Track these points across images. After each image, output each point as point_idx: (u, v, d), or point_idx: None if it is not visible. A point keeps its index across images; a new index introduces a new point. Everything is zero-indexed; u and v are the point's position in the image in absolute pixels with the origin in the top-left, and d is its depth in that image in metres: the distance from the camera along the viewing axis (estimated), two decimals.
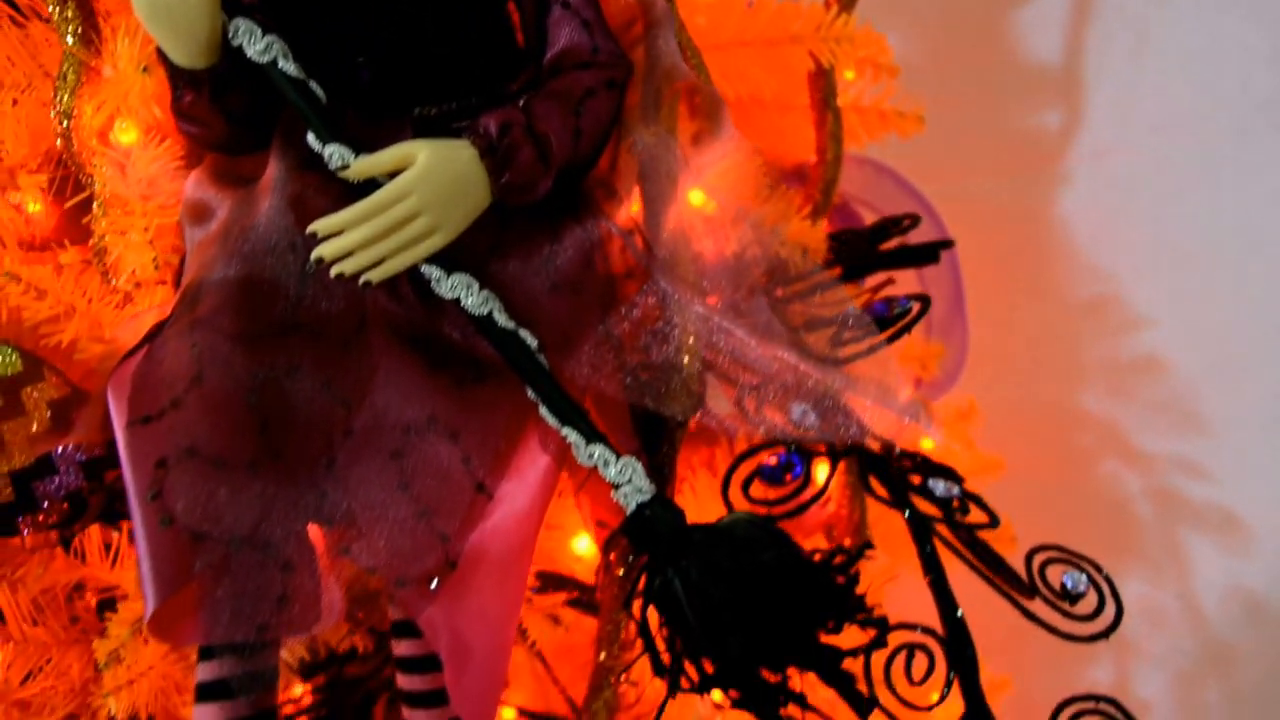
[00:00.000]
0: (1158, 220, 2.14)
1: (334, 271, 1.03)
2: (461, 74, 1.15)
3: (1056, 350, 2.24)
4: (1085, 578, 1.21)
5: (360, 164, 1.04)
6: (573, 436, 1.06)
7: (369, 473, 1.03)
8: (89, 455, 1.20)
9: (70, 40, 1.20)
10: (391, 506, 1.02)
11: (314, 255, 1.03)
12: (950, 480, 1.25)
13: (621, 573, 1.17)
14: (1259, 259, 2.09)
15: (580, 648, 1.44)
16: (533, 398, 1.07)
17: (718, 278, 1.18)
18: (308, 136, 1.06)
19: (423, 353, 1.08)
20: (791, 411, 1.15)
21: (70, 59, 1.20)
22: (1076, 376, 2.23)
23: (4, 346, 1.21)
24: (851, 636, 1.07)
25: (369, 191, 1.04)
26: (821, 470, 1.27)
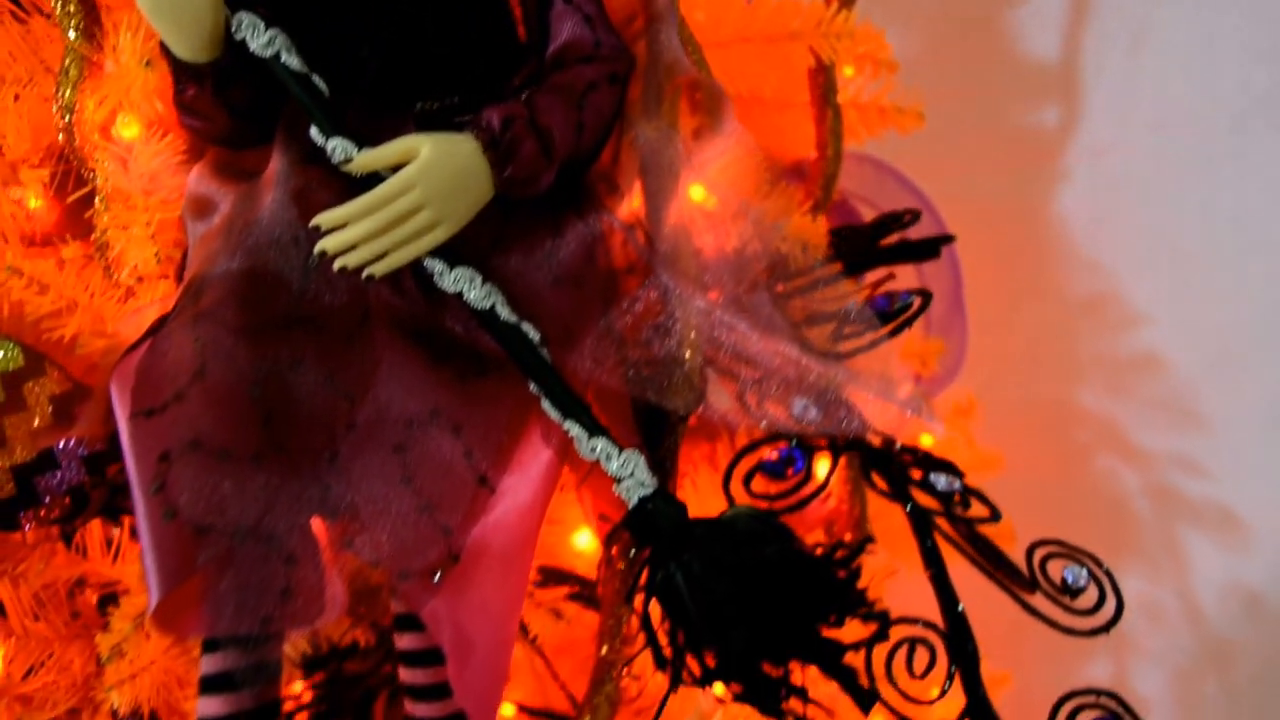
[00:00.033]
0: (1156, 218, 2.14)
1: (337, 265, 1.03)
2: (463, 69, 1.15)
3: (1054, 347, 2.24)
4: (1086, 572, 1.21)
5: (363, 158, 1.04)
6: (575, 430, 1.06)
7: (372, 466, 1.03)
8: (91, 450, 1.20)
9: (73, 35, 1.19)
10: (394, 500, 1.02)
11: (317, 249, 1.03)
12: (951, 475, 1.26)
13: (623, 567, 1.17)
14: (1257, 256, 2.09)
15: (580, 643, 1.44)
16: (535, 391, 1.08)
17: (719, 272, 1.18)
18: (311, 130, 1.06)
19: (425, 346, 1.08)
20: (793, 406, 1.15)
21: (72, 54, 1.20)
22: (1075, 374, 2.23)
23: (6, 341, 1.21)
24: (853, 631, 1.07)
25: (372, 185, 1.04)
26: (822, 466, 1.27)
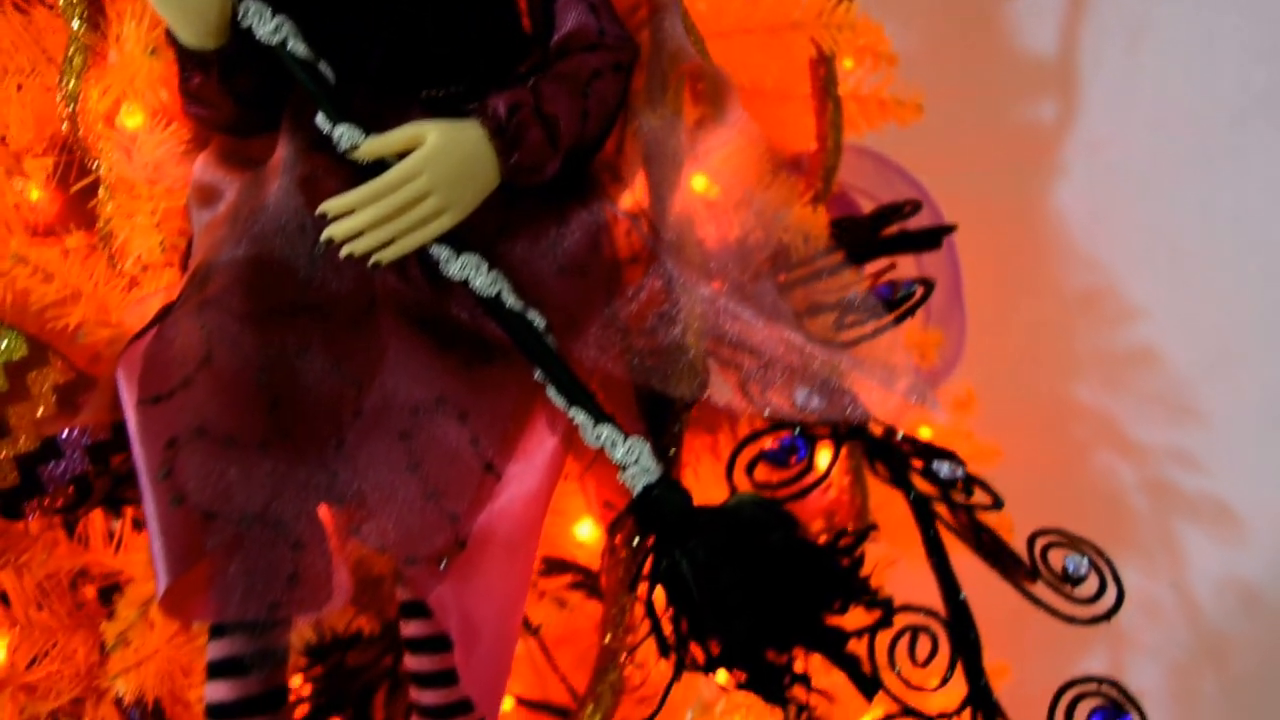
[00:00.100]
0: (1153, 213, 2.14)
1: (344, 252, 1.03)
2: (468, 57, 1.15)
3: (1051, 342, 2.24)
4: (1086, 561, 1.21)
5: (370, 144, 1.04)
6: (580, 417, 1.06)
7: (378, 453, 1.04)
8: (94, 439, 1.20)
9: (77, 24, 1.20)
10: (401, 487, 1.02)
11: (324, 236, 1.03)
12: (954, 463, 1.26)
13: (627, 555, 1.17)
14: (1254, 252, 2.09)
15: (580, 633, 1.44)
16: (540, 379, 1.08)
17: (723, 261, 1.18)
18: (317, 117, 1.06)
19: (431, 333, 1.08)
20: (796, 395, 1.15)
21: (77, 43, 1.20)
22: (1071, 368, 2.23)
23: (9, 331, 1.20)
24: (855, 620, 1.07)
25: (378, 172, 1.04)
26: (824, 456, 1.27)
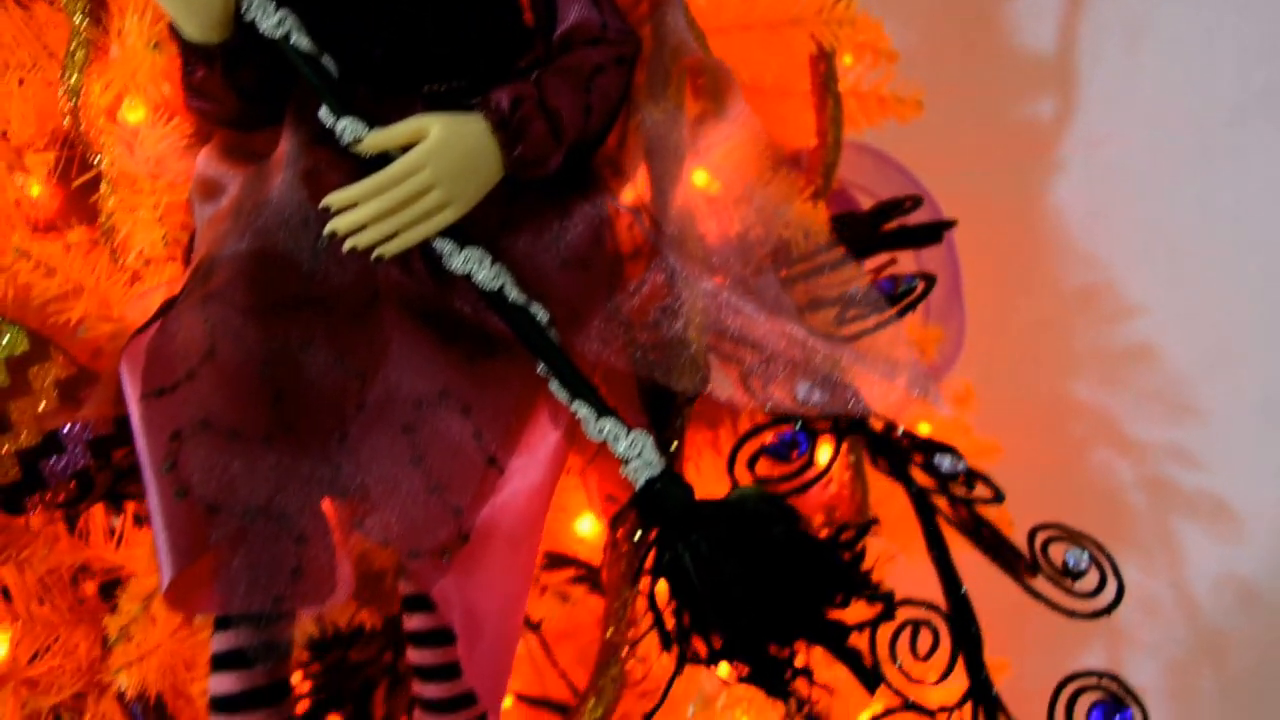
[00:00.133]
0: (1152, 210, 2.14)
1: (347, 246, 1.03)
2: (470, 52, 1.15)
3: (1050, 339, 2.24)
4: (1087, 556, 1.22)
5: (373, 138, 1.04)
6: (583, 411, 1.06)
7: (381, 446, 1.03)
8: (96, 434, 1.20)
9: (79, 18, 1.20)
10: (404, 480, 1.02)
11: (327, 229, 1.03)
12: (955, 457, 1.26)
13: (629, 549, 1.17)
14: (1252, 250, 2.09)
15: (581, 628, 1.44)
16: (543, 373, 1.08)
17: (725, 256, 1.18)
18: (320, 111, 1.06)
19: (434, 327, 1.08)
20: (798, 389, 1.15)
21: (79, 37, 1.20)
22: (1070, 365, 2.23)
23: (10, 326, 1.20)
24: (856, 614, 1.08)
25: (381, 166, 1.04)
26: (824, 451, 1.27)
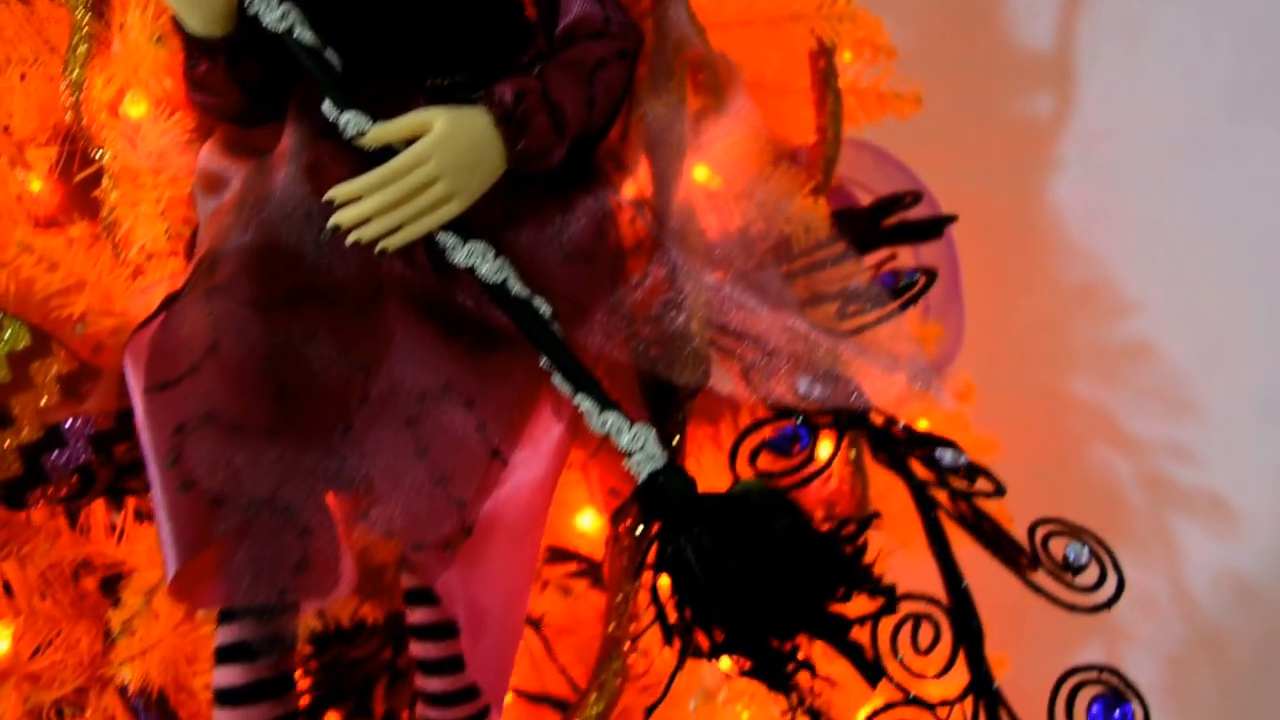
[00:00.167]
0: (1150, 207, 2.14)
1: (351, 238, 1.03)
2: (472, 46, 1.15)
3: (1047, 336, 2.24)
4: (1087, 550, 1.22)
5: (377, 131, 1.04)
6: (586, 404, 1.06)
7: (385, 439, 1.03)
8: (98, 429, 1.20)
9: (81, 13, 1.20)
10: (408, 473, 1.02)
11: (331, 222, 1.03)
12: (956, 451, 1.26)
13: (631, 543, 1.17)
14: (1250, 246, 2.09)
15: (582, 624, 1.44)
16: (546, 366, 1.08)
17: (727, 250, 1.18)
18: (323, 105, 1.06)
19: (437, 320, 1.08)
20: (799, 384, 1.15)
21: (81, 31, 1.20)
22: (1067, 362, 2.23)
23: (12, 321, 1.20)
24: (858, 609, 1.08)
25: (385, 159, 1.04)
26: (825, 447, 1.27)
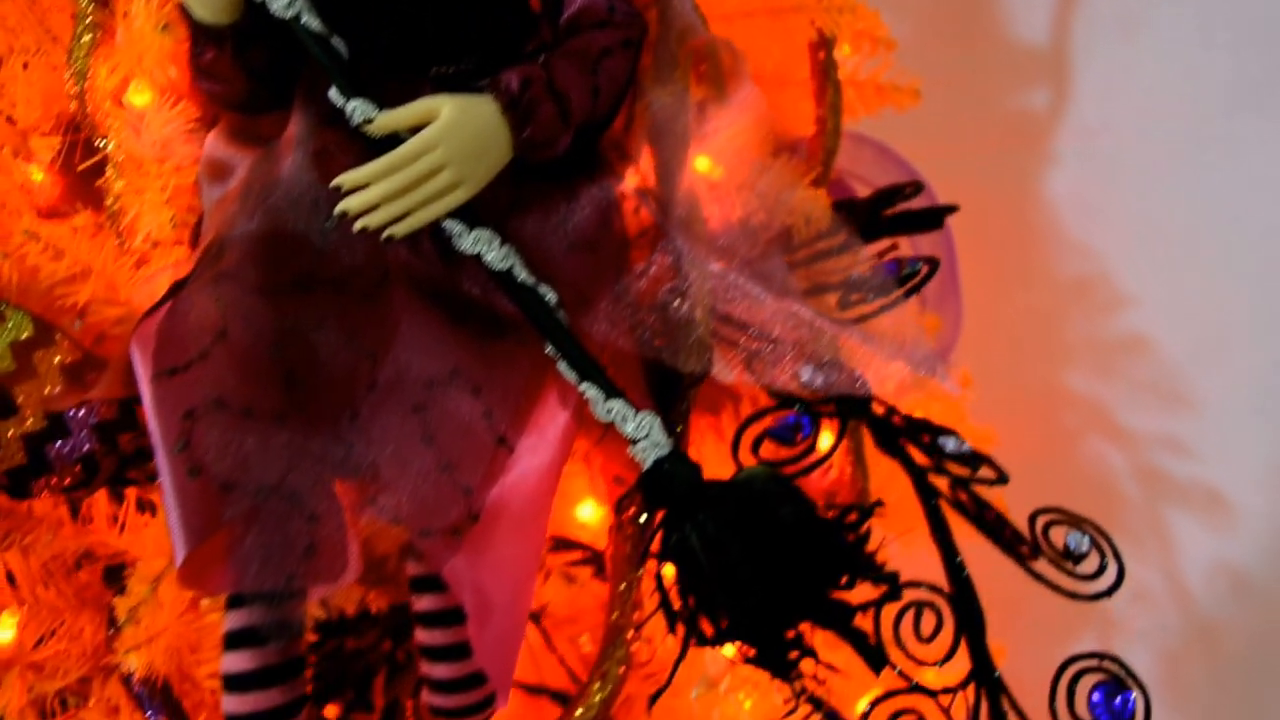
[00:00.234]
0: (1145, 201, 2.14)
1: (358, 226, 1.03)
2: (478, 35, 1.15)
3: (1043, 329, 2.24)
4: (1088, 539, 1.22)
5: (384, 118, 1.04)
6: (591, 392, 1.06)
7: (392, 426, 1.04)
8: (101, 418, 1.20)
9: (85, 1, 1.20)
10: (415, 459, 1.02)
11: (338, 209, 1.03)
12: (958, 440, 1.26)
13: (634, 531, 1.18)
14: (1246, 240, 2.09)
15: (583, 614, 1.45)
16: (551, 354, 1.08)
17: (731, 239, 1.19)
18: (330, 92, 1.06)
19: (444, 308, 1.08)
20: (802, 372, 1.16)
21: (85, 20, 1.20)
22: (1063, 355, 2.23)
23: (15, 311, 1.20)
24: (860, 597, 1.08)
25: (391, 147, 1.04)
26: (826, 438, 1.27)
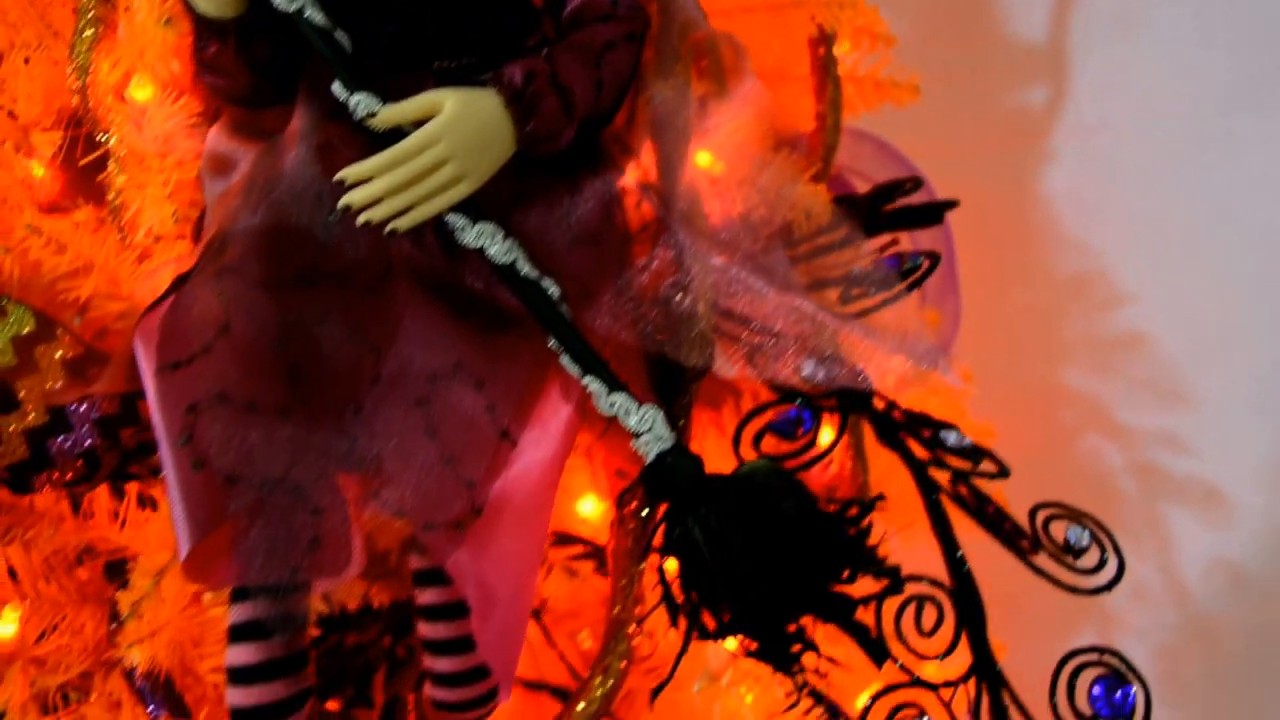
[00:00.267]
0: (1143, 198, 2.14)
1: (361, 219, 1.03)
2: (480, 29, 1.15)
3: (1041, 326, 2.24)
4: (1088, 534, 1.22)
5: (387, 112, 1.04)
6: (594, 386, 1.06)
7: (395, 419, 1.03)
8: (103, 413, 1.20)
9: None
10: (418, 453, 1.02)
11: (342, 203, 1.03)
12: (959, 435, 1.27)
13: (635, 525, 1.18)
14: (1244, 237, 2.10)
15: (585, 608, 1.45)
16: (554, 347, 1.08)
17: (733, 233, 1.19)
18: (333, 86, 1.06)
19: (447, 302, 1.08)
20: (804, 366, 1.16)
21: (87, 15, 1.20)
22: (1061, 352, 2.23)
23: (16, 306, 1.20)
24: (861, 590, 1.08)
25: (394, 141, 1.04)
26: (827, 433, 1.28)
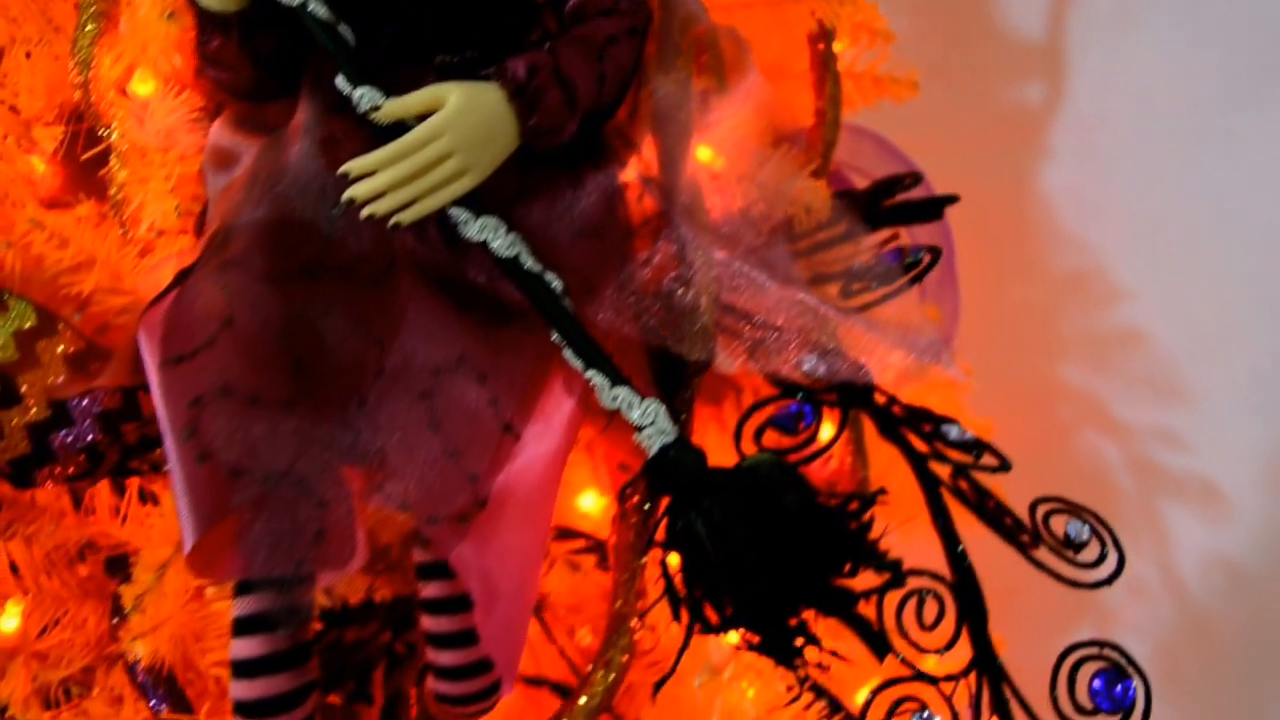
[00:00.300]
0: (1141, 195, 2.14)
1: (365, 213, 1.03)
2: (483, 23, 1.15)
3: (1038, 323, 2.24)
4: (1088, 528, 1.23)
5: (391, 106, 1.04)
6: (597, 379, 1.06)
7: (399, 413, 1.04)
8: (105, 408, 1.20)
9: None
10: (422, 446, 1.02)
11: (345, 196, 1.03)
12: (961, 429, 1.27)
13: (638, 520, 1.18)
14: (1240, 234, 2.09)
15: (586, 603, 1.45)
16: (557, 341, 1.08)
17: (735, 227, 1.19)
18: (336, 79, 1.06)
19: (450, 295, 1.08)
20: (805, 360, 1.16)
21: (89, 9, 1.20)
22: (1058, 349, 2.23)
23: (18, 301, 1.20)
24: (863, 584, 1.08)
25: (398, 135, 1.04)
26: (827, 428, 1.28)
